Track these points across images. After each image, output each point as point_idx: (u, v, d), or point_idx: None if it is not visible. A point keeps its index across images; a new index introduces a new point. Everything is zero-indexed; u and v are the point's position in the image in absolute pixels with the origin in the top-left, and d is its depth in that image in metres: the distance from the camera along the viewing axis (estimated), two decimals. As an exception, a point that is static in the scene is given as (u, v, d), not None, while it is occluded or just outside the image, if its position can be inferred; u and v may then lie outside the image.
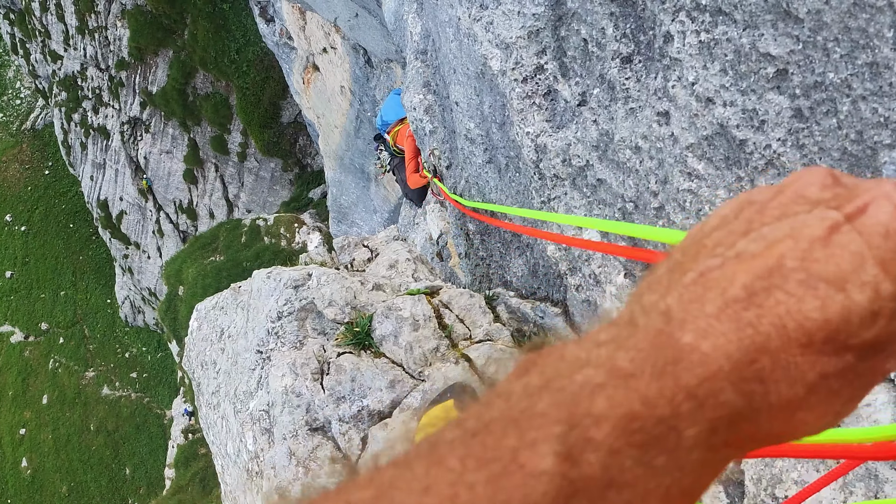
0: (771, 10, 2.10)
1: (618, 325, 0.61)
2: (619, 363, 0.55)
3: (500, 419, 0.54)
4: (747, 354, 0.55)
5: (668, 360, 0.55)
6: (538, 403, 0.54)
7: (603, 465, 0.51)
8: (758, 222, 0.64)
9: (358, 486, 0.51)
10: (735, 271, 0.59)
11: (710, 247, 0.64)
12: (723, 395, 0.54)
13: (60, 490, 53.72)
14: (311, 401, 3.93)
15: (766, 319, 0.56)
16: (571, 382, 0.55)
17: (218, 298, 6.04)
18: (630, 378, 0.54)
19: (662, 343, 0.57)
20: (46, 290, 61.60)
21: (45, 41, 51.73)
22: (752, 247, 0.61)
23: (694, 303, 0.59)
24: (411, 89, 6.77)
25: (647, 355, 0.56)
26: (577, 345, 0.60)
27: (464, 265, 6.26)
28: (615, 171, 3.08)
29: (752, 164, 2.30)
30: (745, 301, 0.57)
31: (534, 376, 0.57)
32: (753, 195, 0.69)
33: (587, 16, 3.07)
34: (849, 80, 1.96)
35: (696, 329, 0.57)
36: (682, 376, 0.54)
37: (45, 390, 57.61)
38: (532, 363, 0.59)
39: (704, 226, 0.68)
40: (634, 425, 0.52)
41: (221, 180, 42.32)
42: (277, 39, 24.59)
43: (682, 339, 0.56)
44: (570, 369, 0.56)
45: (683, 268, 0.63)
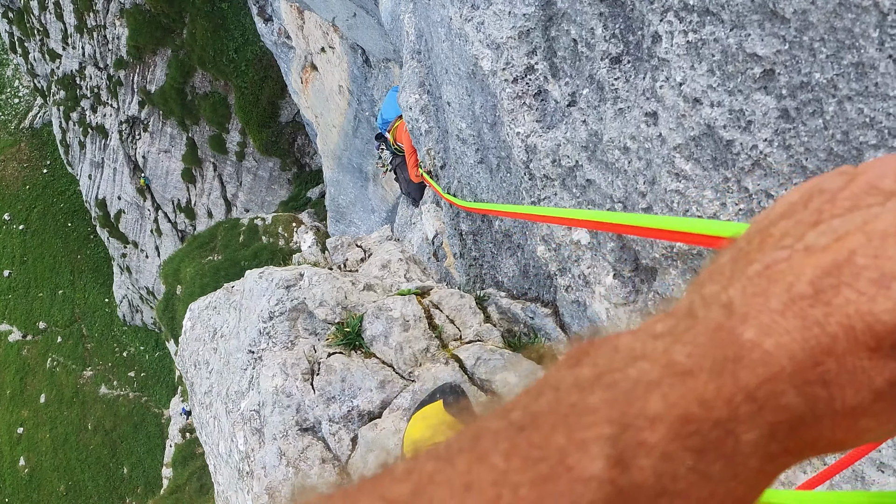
0: (758, 10, 2.10)
1: (676, 317, 0.58)
2: (676, 358, 0.53)
3: (548, 413, 0.51)
4: (812, 356, 0.52)
5: (728, 358, 0.52)
6: (589, 398, 0.51)
7: (655, 472, 0.48)
8: (828, 213, 0.61)
9: (395, 480, 0.49)
10: (803, 265, 0.57)
11: (777, 237, 0.62)
12: (784, 398, 0.51)
13: (58, 489, 53.73)
14: (302, 401, 3.92)
15: (833, 319, 0.53)
16: (625, 377, 0.52)
17: (211, 298, 6.03)
18: (687, 376, 0.52)
19: (722, 338, 0.54)
20: (44, 289, 61.60)
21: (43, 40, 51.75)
22: (822, 240, 0.58)
23: (758, 296, 0.56)
24: (407, 89, 6.77)
25: (706, 351, 0.53)
26: (633, 335, 0.57)
27: (459, 265, 6.26)
28: (604, 171, 3.08)
29: (739, 165, 2.30)
30: (813, 298, 0.54)
31: (585, 368, 0.55)
32: (824, 183, 0.65)
33: (577, 16, 3.07)
34: (835, 80, 1.96)
35: (759, 325, 0.54)
36: (741, 376, 0.52)
37: (42, 389, 57.62)
38: (584, 353, 0.57)
39: (770, 213, 0.66)
40: (690, 428, 0.50)
41: (220, 179, 42.34)
42: (276, 39, 24.60)
43: (744, 334, 0.53)
44: (624, 362, 0.54)
45: (748, 258, 0.61)
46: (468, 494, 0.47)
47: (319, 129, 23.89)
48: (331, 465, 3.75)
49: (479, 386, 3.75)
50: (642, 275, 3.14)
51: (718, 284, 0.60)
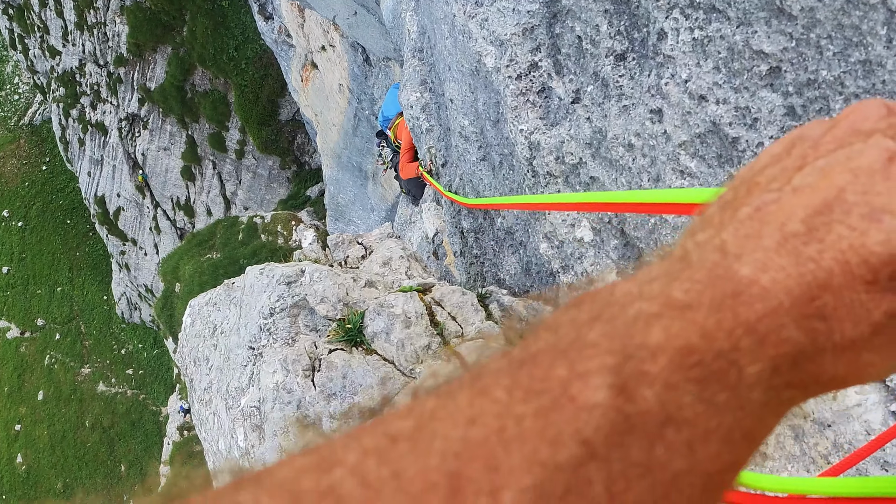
0: (764, 7, 2.09)
1: (669, 261, 0.59)
2: (675, 294, 0.53)
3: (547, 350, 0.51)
4: (809, 290, 0.53)
5: (727, 293, 0.53)
6: (588, 334, 0.51)
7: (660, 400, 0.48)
8: (812, 156, 0.62)
9: (397, 416, 0.48)
10: (793, 205, 0.57)
11: (764, 183, 0.62)
12: (784, 331, 0.52)
13: (55, 486, 53.66)
14: (302, 397, 3.92)
15: (827, 255, 0.54)
16: (624, 314, 0.52)
17: (211, 294, 6.03)
18: (686, 309, 0.52)
19: (719, 275, 0.54)
20: (43, 286, 61.53)
21: (43, 37, 51.69)
22: (809, 179, 0.59)
23: (751, 238, 0.57)
24: (408, 87, 6.76)
25: (704, 287, 0.53)
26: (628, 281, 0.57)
27: (459, 263, 6.25)
28: (608, 168, 3.07)
29: (745, 162, 2.29)
30: (806, 235, 0.55)
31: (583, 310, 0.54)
32: (804, 131, 0.67)
33: (582, 13, 3.07)
34: (842, 77, 1.96)
35: (755, 262, 0.54)
36: (741, 310, 0.52)
37: (40, 386, 57.55)
38: (580, 300, 0.56)
39: (754, 165, 0.67)
40: (692, 359, 0.50)
41: (219, 177, 42.31)
42: (276, 37, 24.58)
43: (740, 271, 0.54)
44: (622, 303, 0.54)
45: (737, 204, 0.61)
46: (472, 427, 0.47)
47: (319, 127, 23.88)
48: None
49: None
50: (646, 272, 3.13)
51: (710, 230, 0.60)
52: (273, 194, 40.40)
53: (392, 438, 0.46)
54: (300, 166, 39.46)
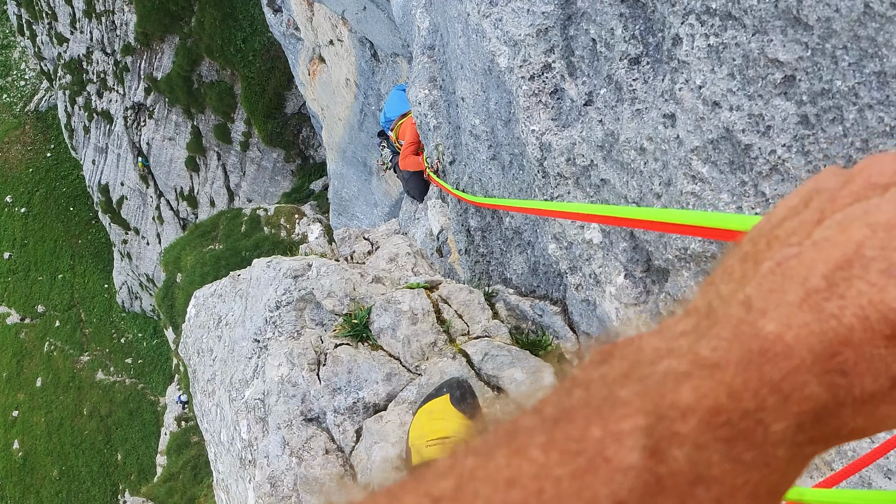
0: (781, 16, 2.10)
1: (695, 316, 0.60)
2: (703, 353, 0.54)
3: (580, 407, 0.53)
4: (831, 346, 0.54)
5: (753, 351, 0.54)
6: (620, 392, 0.53)
7: (690, 460, 0.50)
8: (830, 210, 0.63)
9: (438, 475, 0.50)
10: (814, 260, 0.58)
11: (784, 236, 0.63)
12: (808, 388, 0.53)
13: (51, 473, 53.70)
14: (307, 391, 3.92)
15: (848, 311, 0.54)
16: (654, 372, 0.54)
17: (217, 286, 6.03)
18: (715, 369, 0.53)
19: (745, 333, 0.55)
20: (44, 273, 61.55)
21: (51, 23, 51.70)
22: (828, 233, 0.60)
23: (774, 292, 0.57)
24: (417, 84, 6.77)
25: (731, 345, 0.54)
26: (654, 335, 0.59)
27: (463, 261, 6.26)
28: (619, 171, 3.09)
29: (757, 169, 2.30)
30: (827, 291, 0.56)
31: (613, 366, 0.56)
32: (820, 183, 0.67)
33: (596, 16, 3.08)
34: (856, 88, 1.97)
35: (779, 319, 0.55)
36: (766, 368, 0.53)
37: (39, 373, 57.58)
38: (608, 353, 0.58)
39: (771, 217, 0.68)
40: (721, 419, 0.51)
41: (223, 169, 42.32)
42: (284, 30, 24.57)
43: (765, 328, 0.55)
44: (651, 359, 0.55)
45: (758, 258, 0.62)
46: (512, 489, 0.48)
47: (325, 121, 23.88)
48: (334, 455, 3.76)
49: (485, 381, 3.76)
50: (654, 276, 3.14)
51: (733, 283, 0.61)
52: (277, 187, 40.41)
53: (434, 500, 0.48)
54: (304, 160, 39.46)
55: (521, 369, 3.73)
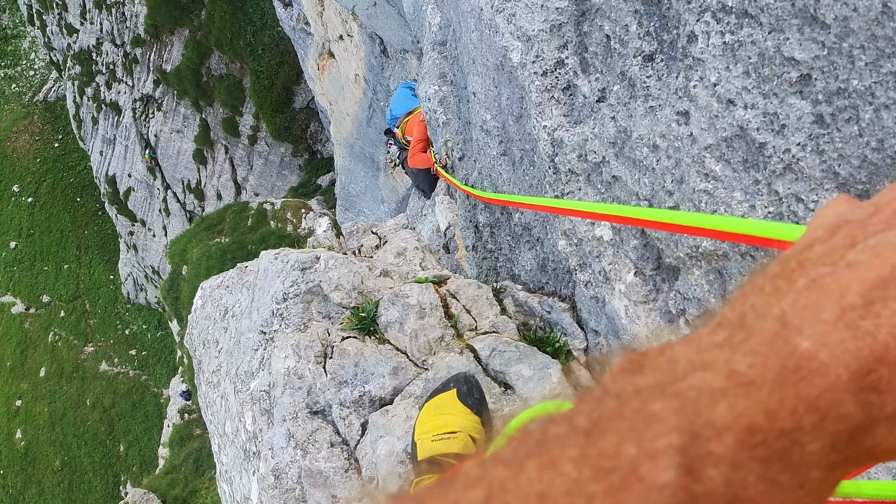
0: (798, 14, 2.10)
1: (729, 327, 0.60)
2: (738, 368, 0.54)
3: (613, 419, 0.53)
4: (866, 364, 0.54)
5: (789, 368, 0.54)
6: (653, 406, 0.52)
7: (726, 481, 0.49)
8: (861, 236, 0.63)
9: (467, 486, 0.50)
10: (849, 279, 0.59)
11: (815, 258, 0.63)
12: (843, 406, 0.53)
13: (53, 463, 53.81)
14: (313, 384, 3.93)
15: (884, 329, 0.55)
16: (688, 387, 0.53)
17: (223, 277, 6.04)
18: (751, 386, 0.53)
19: (780, 349, 0.55)
20: (50, 263, 61.66)
21: (61, 14, 51.79)
22: (862, 256, 0.60)
23: (809, 308, 0.57)
24: (426, 80, 6.77)
25: (767, 361, 0.54)
26: (686, 345, 0.59)
27: (470, 258, 6.26)
28: (631, 168, 3.08)
29: (771, 168, 2.30)
30: (863, 309, 0.56)
31: (645, 376, 0.56)
32: (847, 214, 0.69)
33: (611, 12, 3.07)
34: (872, 87, 1.96)
35: (814, 336, 0.55)
36: (802, 386, 0.53)
37: (43, 363, 57.70)
38: (639, 363, 0.58)
39: (797, 244, 0.68)
40: (757, 438, 0.51)
41: (231, 162, 42.37)
42: (294, 24, 24.58)
43: (801, 345, 0.55)
44: (685, 371, 0.55)
45: (790, 276, 0.62)
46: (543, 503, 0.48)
47: (333, 116, 23.90)
48: (339, 449, 3.76)
49: (493, 377, 3.76)
50: (664, 274, 3.14)
51: (764, 297, 0.61)
52: (284, 181, 40.45)
53: None
54: (312, 154, 39.50)
55: (528, 365, 3.73)
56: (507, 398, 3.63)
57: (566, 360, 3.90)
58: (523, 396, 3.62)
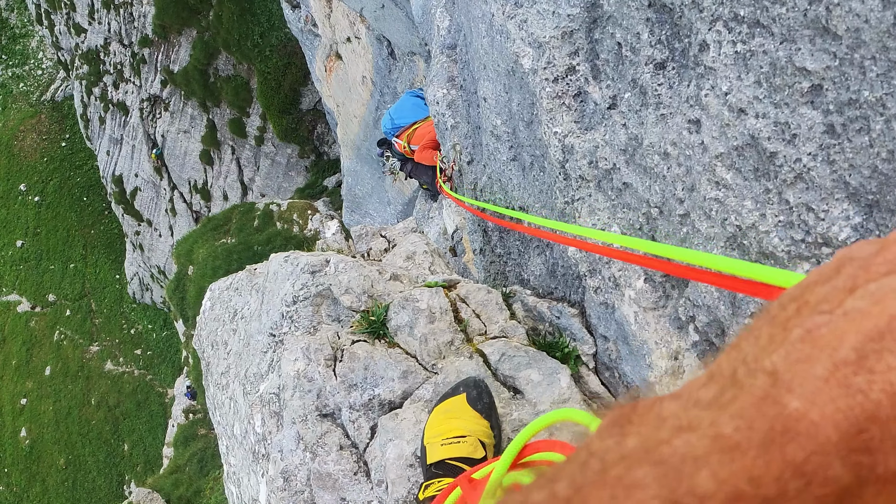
0: (809, 25, 2.11)
1: (719, 383, 0.59)
2: (723, 430, 0.53)
3: (593, 485, 0.52)
4: (856, 424, 0.51)
5: (776, 430, 0.52)
6: (636, 472, 0.51)
7: None
8: (863, 279, 0.61)
9: None
10: (844, 330, 0.56)
11: (814, 303, 0.61)
12: (831, 469, 0.50)
13: (58, 462, 53.92)
14: (323, 387, 3.94)
15: (877, 385, 0.52)
16: (672, 452, 0.52)
17: (233, 279, 6.05)
18: (735, 451, 0.51)
19: (769, 409, 0.53)
20: (56, 262, 61.78)
21: (70, 13, 51.90)
22: (861, 304, 0.58)
23: (802, 363, 0.55)
24: (435, 83, 6.77)
25: (753, 423, 0.53)
26: (676, 401, 0.58)
27: (478, 261, 6.27)
28: (642, 175, 3.09)
29: (781, 177, 2.31)
30: (856, 364, 0.54)
31: (630, 438, 0.55)
32: (853, 251, 0.66)
33: (623, 20, 3.08)
34: (884, 98, 1.97)
35: (805, 394, 0.53)
36: (789, 450, 0.51)
37: (48, 362, 57.82)
38: (627, 420, 0.57)
39: (802, 282, 0.66)
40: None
41: (237, 163, 42.43)
42: (302, 26, 24.60)
43: (790, 404, 0.53)
44: (670, 433, 0.54)
45: (787, 324, 0.60)
46: None
47: (340, 118, 23.90)
48: (348, 452, 3.77)
49: (502, 382, 3.77)
50: (674, 280, 3.15)
51: (758, 348, 0.60)
52: (290, 182, 40.49)
53: None
54: (319, 156, 39.54)
55: (537, 370, 3.74)
56: (516, 403, 3.64)
57: (575, 365, 3.91)
58: (532, 401, 3.63)
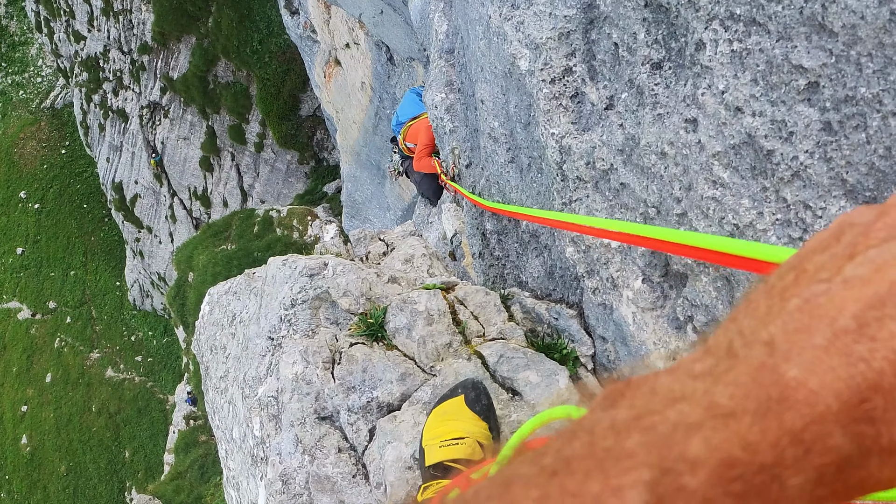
0: (805, 22, 2.10)
1: (715, 355, 0.57)
2: (718, 399, 0.51)
3: (582, 457, 0.50)
4: (858, 393, 0.50)
5: (773, 398, 0.50)
6: (626, 441, 0.50)
7: None
8: (863, 245, 0.60)
9: None
10: (844, 298, 0.55)
11: (812, 271, 0.60)
12: (831, 439, 0.49)
13: (59, 469, 53.86)
14: (321, 389, 3.93)
15: (879, 354, 0.51)
16: (664, 420, 0.51)
17: (231, 283, 6.04)
18: (729, 418, 0.50)
19: (765, 378, 0.52)
20: (56, 269, 61.78)
21: (69, 21, 51.94)
22: (860, 271, 0.57)
23: (800, 332, 0.54)
24: (433, 87, 6.78)
25: (749, 391, 0.51)
26: (670, 375, 0.56)
27: (477, 265, 6.26)
28: (639, 175, 3.09)
29: (779, 175, 2.30)
30: (856, 332, 0.52)
31: (622, 409, 0.54)
32: (853, 217, 0.64)
33: (619, 20, 3.08)
34: (880, 95, 1.97)
35: (803, 362, 0.52)
36: (787, 417, 0.49)
37: (49, 369, 57.79)
38: (620, 394, 0.56)
39: (801, 251, 0.64)
40: (733, 473, 0.48)
41: (237, 169, 42.44)
42: (301, 32, 24.62)
43: (788, 373, 0.51)
44: (663, 404, 0.52)
45: (785, 294, 0.59)
46: None
47: (340, 124, 23.91)
48: (347, 454, 3.76)
49: (500, 383, 3.76)
50: (672, 280, 3.14)
51: (756, 320, 0.58)
52: (290, 189, 40.48)
53: None
54: (318, 162, 39.53)
55: (536, 372, 3.73)
56: (514, 404, 3.63)
57: (574, 366, 3.90)
58: (531, 403, 3.63)
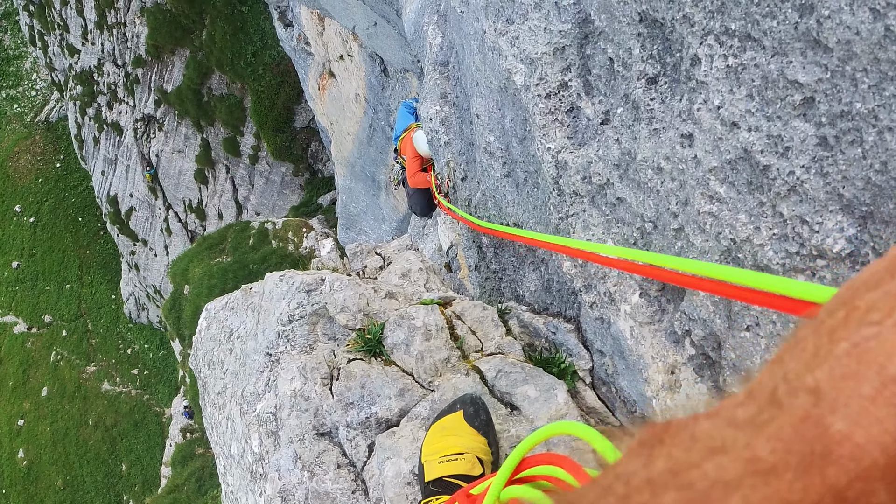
0: (801, 38, 2.11)
1: (757, 401, 0.54)
2: (759, 453, 0.49)
3: None
4: None
5: (816, 453, 0.48)
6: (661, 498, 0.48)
7: None
8: None
9: None
10: (894, 344, 0.51)
11: (863, 310, 0.56)
12: (875, 497, 0.46)
13: (56, 483, 53.74)
14: (320, 405, 3.92)
15: None
16: (702, 476, 0.48)
17: (228, 299, 6.03)
18: (770, 475, 0.47)
19: (809, 430, 0.49)
20: (52, 283, 61.74)
21: (63, 34, 52.02)
22: None
23: (847, 380, 0.51)
24: (428, 100, 6.78)
25: (791, 445, 0.49)
26: (711, 420, 0.54)
27: (473, 277, 6.26)
28: (636, 190, 3.09)
29: (775, 190, 2.30)
30: None
31: (659, 460, 0.52)
32: None
33: (614, 35, 3.09)
34: (876, 110, 1.97)
35: (849, 415, 0.49)
36: (830, 473, 0.47)
37: (45, 382, 57.71)
38: (658, 440, 0.54)
39: (854, 282, 0.61)
40: None
41: (232, 182, 42.45)
42: (295, 44, 24.65)
43: (833, 425, 0.49)
44: (702, 455, 0.50)
45: (834, 335, 0.55)
46: None
47: (334, 136, 23.93)
48: (346, 470, 3.75)
49: (499, 398, 3.76)
50: (669, 294, 3.14)
51: (801, 363, 0.55)
52: (285, 201, 40.50)
53: None
54: (313, 174, 39.56)
55: (534, 386, 3.73)
56: (513, 419, 3.63)
57: (572, 380, 3.90)
58: (530, 417, 3.62)
